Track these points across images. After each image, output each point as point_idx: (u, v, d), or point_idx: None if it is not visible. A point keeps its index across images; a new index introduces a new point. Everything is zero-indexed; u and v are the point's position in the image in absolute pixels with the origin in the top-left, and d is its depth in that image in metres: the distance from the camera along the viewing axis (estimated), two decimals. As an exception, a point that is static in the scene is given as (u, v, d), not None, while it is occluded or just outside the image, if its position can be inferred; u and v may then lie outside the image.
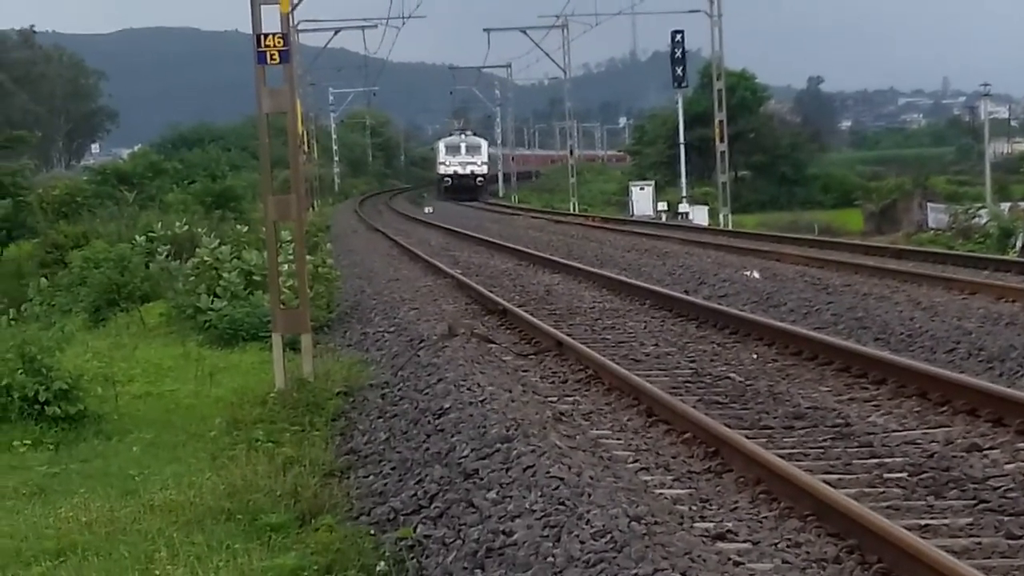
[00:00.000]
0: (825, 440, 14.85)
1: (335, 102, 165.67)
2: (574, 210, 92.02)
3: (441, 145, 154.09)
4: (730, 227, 65.47)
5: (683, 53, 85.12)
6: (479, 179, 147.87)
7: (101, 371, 23.30)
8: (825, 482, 12.10)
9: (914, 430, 15.09)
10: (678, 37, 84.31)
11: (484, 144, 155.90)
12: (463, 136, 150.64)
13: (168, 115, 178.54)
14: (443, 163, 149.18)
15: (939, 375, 17.25)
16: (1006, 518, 11.46)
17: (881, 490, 12.55)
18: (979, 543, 10.69)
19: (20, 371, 21.10)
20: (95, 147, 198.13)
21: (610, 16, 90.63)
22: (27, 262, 56.02)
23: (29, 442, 19.84)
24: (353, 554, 12.34)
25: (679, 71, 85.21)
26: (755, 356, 20.79)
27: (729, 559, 10.30)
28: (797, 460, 13.34)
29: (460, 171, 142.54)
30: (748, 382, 18.44)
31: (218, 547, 13.22)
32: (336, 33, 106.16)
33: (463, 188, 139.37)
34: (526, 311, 26.03)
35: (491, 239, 52.80)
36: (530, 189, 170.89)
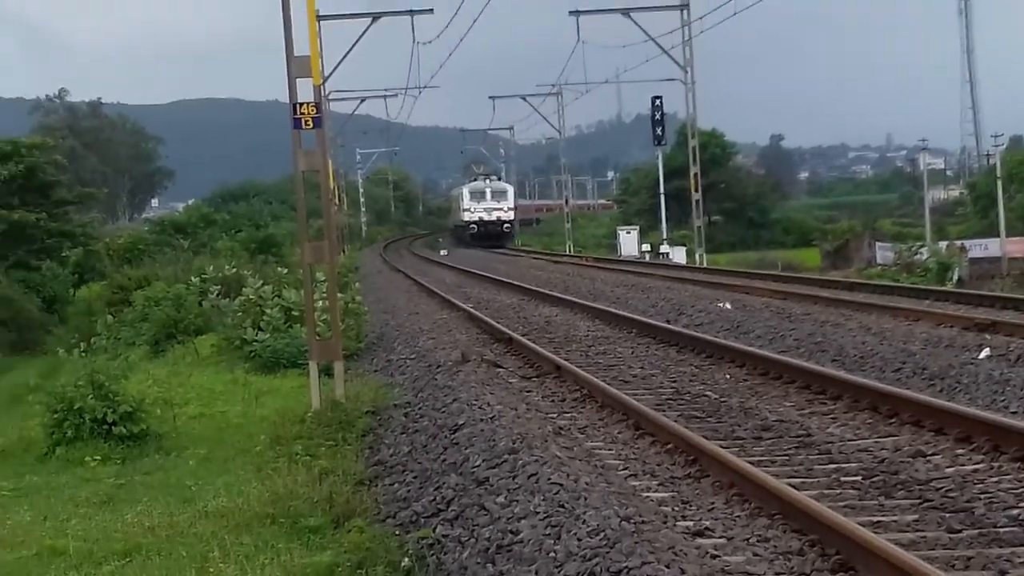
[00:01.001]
0: (789, 448, 14.88)
1: (361, 161, 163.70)
2: (570, 252, 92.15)
3: (465, 191, 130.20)
4: (705, 265, 65.45)
5: (662, 116, 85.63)
6: (506, 225, 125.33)
7: (161, 395, 23.37)
8: (790, 485, 12.11)
9: (867, 439, 15.13)
10: (657, 102, 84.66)
11: (510, 189, 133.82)
12: (488, 181, 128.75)
13: (217, 174, 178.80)
14: (467, 209, 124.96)
15: (888, 391, 17.26)
16: (947, 515, 11.48)
17: (838, 491, 12.56)
18: (924, 537, 10.71)
19: (91, 396, 21.12)
20: (154, 202, 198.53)
21: (598, 84, 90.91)
22: (96, 301, 55.96)
23: (99, 458, 19.87)
24: (381, 552, 12.34)
25: (658, 131, 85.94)
26: (728, 376, 20.77)
27: (707, 553, 10.34)
28: (765, 466, 13.34)
29: (486, 217, 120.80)
30: (722, 399, 18.44)
31: (264, 547, 13.26)
32: (362, 101, 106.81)
33: (490, 235, 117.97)
34: (529, 339, 26.00)
35: (498, 277, 52.84)
36: (531, 234, 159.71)
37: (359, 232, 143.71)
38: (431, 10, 71.54)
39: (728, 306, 32.53)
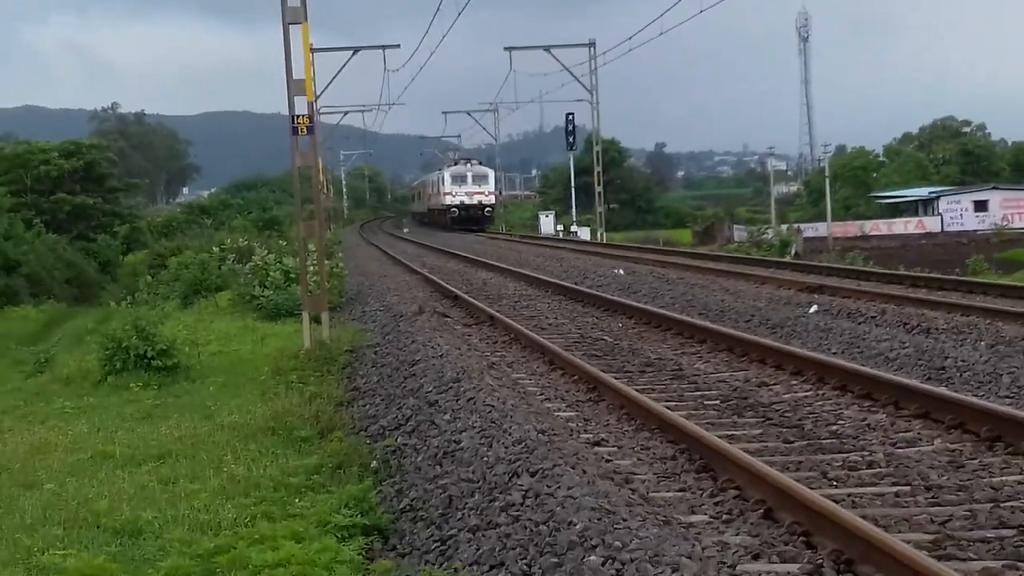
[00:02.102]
0: (666, 379, 14.98)
1: (344, 160, 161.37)
2: (503, 231, 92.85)
3: (446, 174, 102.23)
4: (604, 240, 65.51)
5: (573, 127, 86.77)
6: (487, 209, 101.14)
7: (188, 337, 23.31)
8: (666, 407, 12.18)
9: (724, 372, 15.25)
10: (570, 117, 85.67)
11: (491, 173, 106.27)
12: (469, 165, 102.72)
13: (233, 169, 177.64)
14: (449, 193, 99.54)
15: (740, 336, 17.39)
16: (784, 430, 11.62)
17: (702, 412, 12.66)
18: (766, 446, 10.83)
19: (135, 337, 21.09)
20: (185, 190, 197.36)
21: (526, 103, 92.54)
22: (139, 266, 55.76)
23: (140, 384, 19.87)
24: (355, 456, 12.37)
25: (571, 139, 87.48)
26: (620, 325, 20.86)
27: (603, 458, 10.42)
28: (647, 392, 13.40)
29: (468, 201, 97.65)
30: (616, 342, 18.53)
31: (266, 452, 13.30)
32: (345, 114, 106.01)
33: (471, 219, 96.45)
34: (470, 296, 26.00)
35: (448, 250, 52.75)
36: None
37: (342, 215, 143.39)
38: (398, 45, 74.31)
39: (621, 272, 32.58)
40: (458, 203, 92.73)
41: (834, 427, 11.52)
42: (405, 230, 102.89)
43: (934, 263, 46.53)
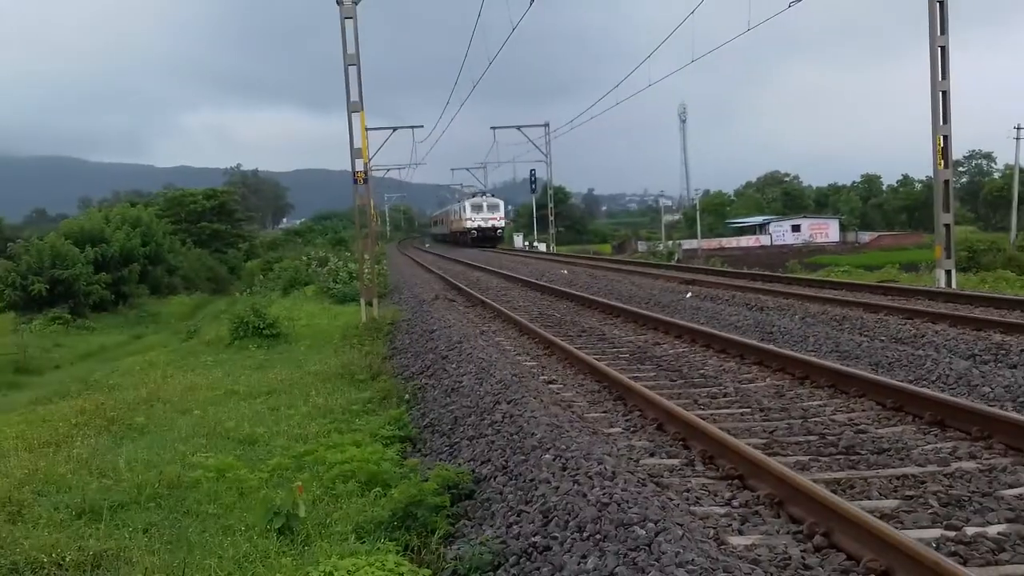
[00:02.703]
0: (594, 340, 14.94)
1: (387, 200, 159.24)
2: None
3: (467, 204, 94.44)
4: (554, 252, 65.38)
5: (535, 179, 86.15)
6: (499, 231, 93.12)
7: (286, 315, 23.27)
8: (594, 358, 12.19)
9: (631, 336, 15.21)
10: (533, 172, 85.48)
11: (501, 204, 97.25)
12: (484, 197, 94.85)
13: (316, 206, 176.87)
14: (469, 219, 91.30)
15: (641, 312, 17.38)
16: (670, 372, 11.60)
17: (617, 361, 12.64)
18: (658, 383, 10.79)
19: (252, 315, 21.04)
20: (284, 220, 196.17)
21: (505, 162, 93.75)
22: (255, 269, 55.65)
23: (255, 346, 19.82)
24: (394, 391, 12.35)
25: (533, 186, 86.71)
26: (565, 306, 20.85)
27: (554, 391, 10.39)
28: (582, 348, 13.40)
29: (484, 225, 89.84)
30: (563, 317, 18.50)
31: (336, 389, 13.28)
32: (388, 171, 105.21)
33: (486, 238, 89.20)
34: (469, 289, 25.97)
35: (454, 257, 52.71)
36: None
37: (386, 236, 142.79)
38: (422, 126, 78.26)
39: (565, 272, 32.60)
40: (476, 226, 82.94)
41: (702, 371, 11.55)
42: (427, 245, 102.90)
43: (765, 265, 46.87)
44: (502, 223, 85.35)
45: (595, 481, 6.39)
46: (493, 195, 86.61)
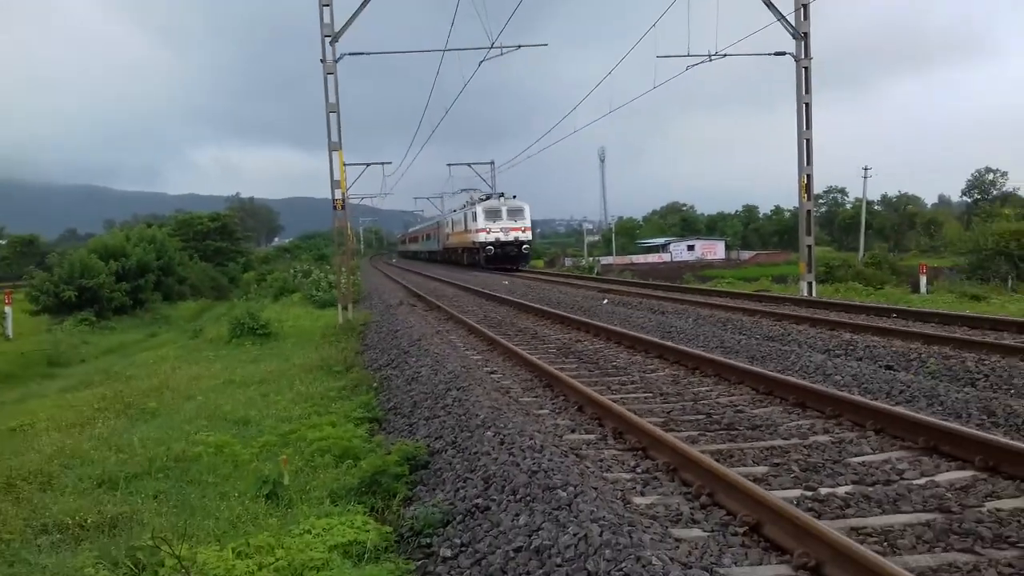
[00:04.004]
0: (528, 338, 14.90)
1: (362, 223, 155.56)
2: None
3: (479, 210, 49.18)
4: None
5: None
6: (525, 247, 49.31)
7: (276, 317, 22.87)
8: (528, 352, 12.18)
9: (559, 335, 15.20)
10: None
11: (527, 208, 50.29)
12: (503, 199, 50.06)
13: (303, 228, 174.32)
14: (483, 230, 48.12)
15: (567, 316, 17.37)
16: (589, 365, 11.60)
17: (547, 354, 12.59)
18: (580, 373, 10.80)
19: (248, 316, 20.70)
20: (276, 239, 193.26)
21: (459, 193, 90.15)
22: (251, 280, 54.71)
23: (250, 343, 19.44)
24: (365, 381, 12.18)
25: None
26: (506, 310, 20.80)
27: (496, 380, 10.34)
28: (519, 345, 13.35)
29: (503, 238, 47.92)
30: (504, 319, 18.45)
31: (317, 379, 13.01)
32: (362, 199, 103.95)
33: (507, 257, 48.10)
34: (428, 296, 25.84)
35: (416, 271, 52.35)
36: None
37: (360, 253, 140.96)
38: (390, 162, 74.17)
39: (506, 282, 32.59)
40: (493, 240, 48.04)
41: (615, 363, 11.61)
42: (393, 260, 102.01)
43: (666, 278, 47.27)
44: (528, 235, 48.73)
45: (527, 453, 6.39)
46: (515, 196, 50.08)
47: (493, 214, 47.23)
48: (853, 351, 11.52)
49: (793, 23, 22.28)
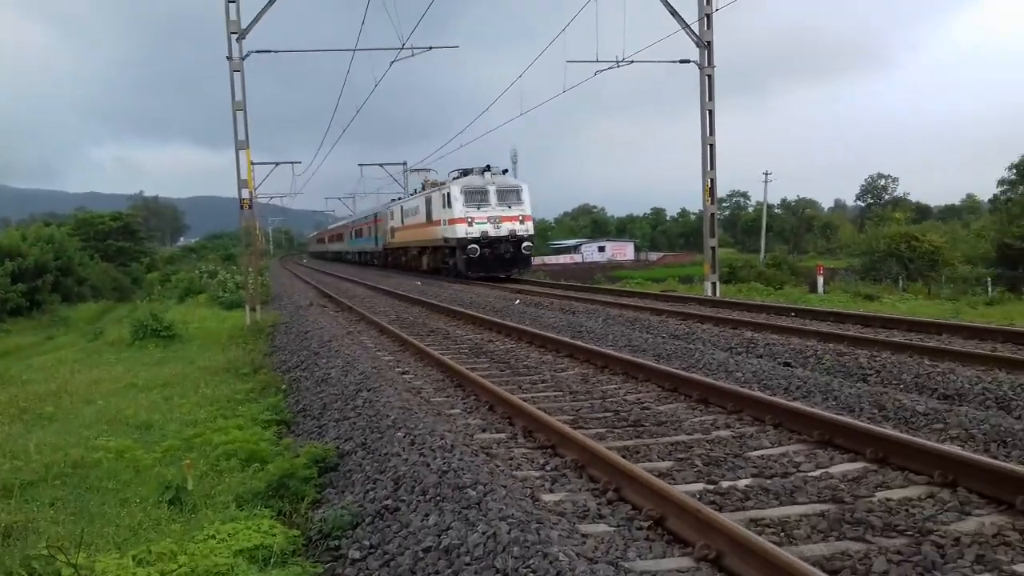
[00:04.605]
0: (441, 339, 14.84)
1: (271, 223, 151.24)
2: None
3: (454, 191, 28.86)
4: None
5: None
6: (525, 245, 29.06)
7: (181, 319, 22.19)
8: (441, 353, 12.14)
9: (471, 335, 15.19)
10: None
11: (525, 188, 29.80)
12: (489, 174, 29.16)
13: (209, 227, 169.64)
14: (461, 220, 28.57)
15: (479, 316, 17.35)
16: (500, 364, 11.61)
17: (459, 355, 12.58)
18: (491, 373, 10.81)
19: (151, 318, 20.02)
20: (182, 239, 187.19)
21: (371, 193, 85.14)
22: (155, 280, 52.93)
23: (153, 345, 18.79)
24: (273, 383, 11.92)
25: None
26: (418, 311, 20.69)
27: (407, 380, 10.27)
28: (430, 346, 13.30)
29: (493, 232, 28.05)
30: (416, 320, 18.36)
31: (223, 382, 12.68)
32: (271, 198, 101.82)
33: (499, 261, 28.95)
34: (338, 296, 25.52)
35: (328, 271, 51.58)
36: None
37: (269, 253, 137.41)
38: (300, 162, 72.11)
39: (419, 283, 32.40)
40: (478, 235, 30.17)
41: (526, 363, 11.66)
42: (304, 260, 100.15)
43: (578, 278, 47.83)
44: (528, 227, 31.41)
45: (437, 453, 6.36)
46: (506, 171, 32.87)
47: (477, 197, 30.37)
48: (754, 349, 11.86)
49: (697, 32, 22.83)
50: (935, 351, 10.69)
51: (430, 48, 24.94)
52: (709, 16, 22.93)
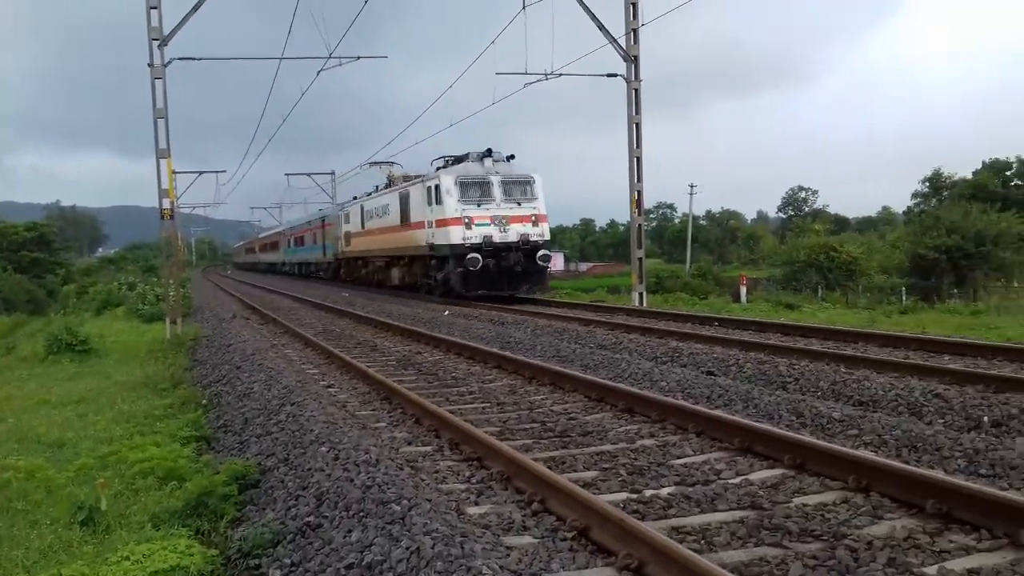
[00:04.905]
0: (368, 351, 14.68)
1: (194, 233, 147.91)
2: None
3: (446, 183, 21.43)
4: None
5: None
6: (541, 255, 21.95)
7: (98, 333, 21.43)
8: (367, 365, 12.00)
9: (399, 347, 15.06)
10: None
11: (538, 180, 22.46)
12: (490, 159, 21.92)
13: (129, 238, 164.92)
14: (456, 221, 20.96)
15: (408, 328, 17.20)
16: (429, 376, 11.54)
17: (387, 368, 12.46)
18: (418, 385, 10.72)
19: (66, 332, 19.27)
20: (100, 250, 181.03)
21: (298, 203, 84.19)
22: (72, 293, 51.15)
23: (68, 360, 18.06)
24: (193, 398, 11.60)
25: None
26: (345, 323, 20.43)
27: (332, 394, 10.13)
28: (357, 358, 13.13)
29: (498, 237, 20.67)
30: (343, 332, 18.11)
31: (141, 397, 12.24)
32: (194, 208, 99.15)
33: (507, 276, 21.69)
34: (263, 308, 25.04)
35: (252, 283, 50.61)
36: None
37: (192, 264, 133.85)
38: (224, 171, 69.61)
39: (346, 295, 32.02)
40: (479, 242, 22.17)
41: (454, 374, 11.61)
42: (228, 271, 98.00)
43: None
44: (545, 232, 23.75)
45: (361, 468, 6.28)
46: (512, 157, 24.33)
47: (477, 190, 23.21)
48: (679, 358, 12.05)
49: (624, 46, 23.20)
50: (851, 359, 11.03)
51: (358, 58, 24.76)
52: (636, 31, 23.33)
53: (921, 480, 5.36)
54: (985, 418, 7.62)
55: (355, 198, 36.67)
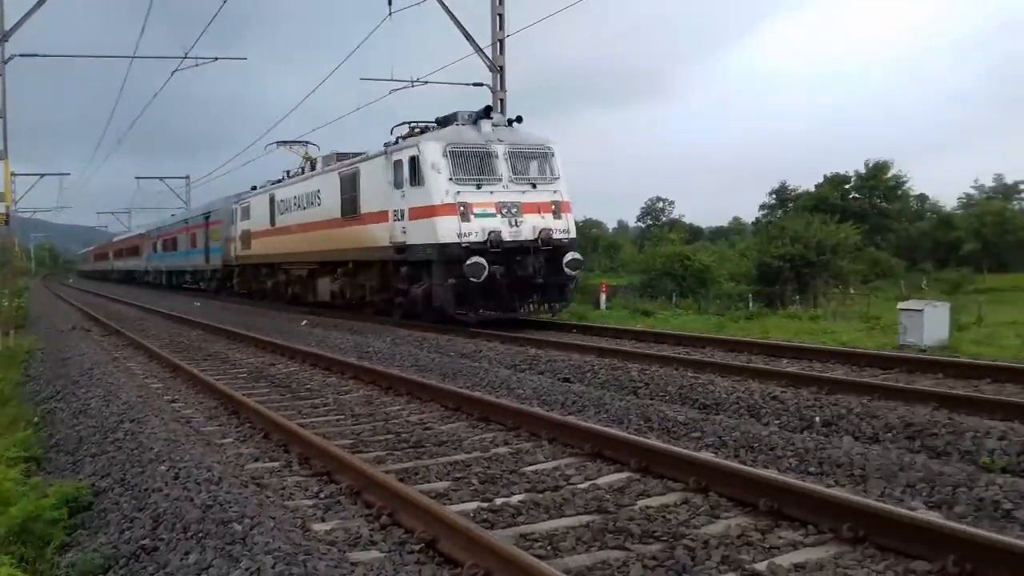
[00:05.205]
0: (218, 363, 14.16)
1: (34, 239, 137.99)
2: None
3: (431, 152, 13.80)
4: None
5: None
6: (570, 260, 14.55)
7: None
8: (215, 379, 11.57)
9: (252, 359, 14.63)
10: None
11: (556, 150, 14.99)
12: (489, 124, 14.21)
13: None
14: (457, 208, 13.23)
15: (262, 339, 16.68)
16: (281, 389, 11.25)
17: (237, 381, 12.06)
18: (270, 398, 10.43)
19: None
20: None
21: (153, 209, 79.73)
22: None
23: None
24: (24, 416, 10.82)
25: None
26: (195, 334, 19.60)
27: (176, 409, 9.72)
28: (205, 371, 12.65)
29: (508, 233, 12.97)
30: (191, 343, 17.38)
31: (-35, 416, 11.38)
32: (34, 212, 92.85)
33: (523, 288, 14.28)
34: (106, 319, 23.71)
35: (98, 292, 47.84)
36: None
37: (30, 272, 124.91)
38: (69, 173, 66.14)
39: (199, 304, 30.75)
40: (481, 240, 14.67)
41: (308, 386, 11.34)
42: (71, 280, 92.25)
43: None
44: (569, 228, 16.18)
45: (203, 487, 6.02)
46: (520, 119, 16.91)
47: (475, 163, 16.26)
48: (536, 365, 12.21)
49: (490, 56, 23.39)
50: (698, 363, 11.49)
51: (215, 59, 23.99)
52: (502, 41, 23.56)
53: (754, 480, 5.63)
54: (817, 419, 8.09)
55: (255, 188, 29.22)
